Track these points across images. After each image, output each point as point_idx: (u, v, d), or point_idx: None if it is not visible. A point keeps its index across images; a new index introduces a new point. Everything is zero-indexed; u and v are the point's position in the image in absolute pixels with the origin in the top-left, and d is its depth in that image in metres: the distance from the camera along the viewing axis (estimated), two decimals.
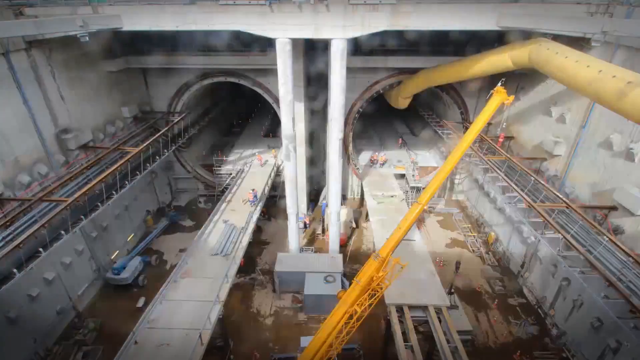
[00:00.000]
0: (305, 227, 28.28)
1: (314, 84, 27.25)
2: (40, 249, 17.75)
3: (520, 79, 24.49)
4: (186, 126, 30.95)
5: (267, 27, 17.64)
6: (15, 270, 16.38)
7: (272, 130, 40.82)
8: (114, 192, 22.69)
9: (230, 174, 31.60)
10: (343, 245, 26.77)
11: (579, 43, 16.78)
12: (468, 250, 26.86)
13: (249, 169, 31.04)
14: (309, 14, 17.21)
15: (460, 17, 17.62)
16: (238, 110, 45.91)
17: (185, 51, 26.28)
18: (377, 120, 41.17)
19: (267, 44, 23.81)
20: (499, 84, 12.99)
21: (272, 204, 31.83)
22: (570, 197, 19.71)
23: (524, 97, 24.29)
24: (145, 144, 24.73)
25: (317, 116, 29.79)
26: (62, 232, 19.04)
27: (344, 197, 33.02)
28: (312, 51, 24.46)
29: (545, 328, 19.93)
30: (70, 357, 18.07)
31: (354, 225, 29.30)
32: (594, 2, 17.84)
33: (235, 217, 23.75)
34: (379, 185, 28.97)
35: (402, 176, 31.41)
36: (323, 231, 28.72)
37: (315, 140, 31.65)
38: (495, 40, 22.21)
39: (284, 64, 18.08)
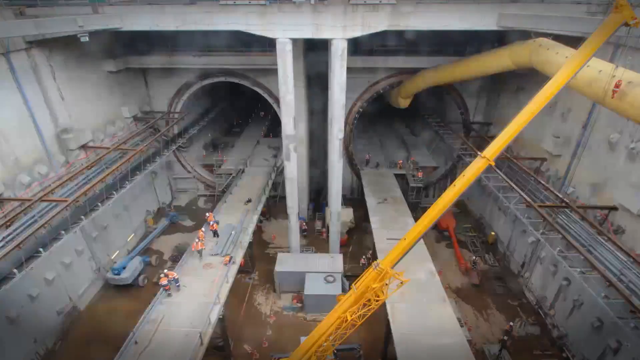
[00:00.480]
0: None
1: (314, 84, 27.26)
2: (41, 249, 17.72)
3: (520, 78, 24.50)
4: (186, 126, 30.96)
5: (267, 27, 17.65)
6: (15, 270, 16.36)
7: (272, 130, 40.83)
8: (114, 192, 22.68)
9: (231, 174, 31.60)
10: (343, 245, 26.79)
11: (579, 43, 16.74)
12: (468, 251, 26.86)
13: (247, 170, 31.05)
14: (309, 14, 17.21)
15: (460, 17, 17.63)
16: (238, 110, 45.89)
17: (185, 51, 26.30)
18: (377, 120, 41.17)
19: (267, 44, 23.82)
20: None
21: (272, 204, 31.84)
22: (570, 197, 19.70)
23: (524, 97, 24.28)
24: (145, 144, 24.73)
25: (317, 116, 29.80)
26: (62, 232, 19.02)
27: (344, 197, 33.01)
28: (312, 51, 24.46)
29: (545, 328, 19.92)
30: None
31: (353, 224, 29.27)
32: (594, 2, 17.84)
33: (235, 218, 23.73)
34: (379, 185, 28.96)
35: (402, 176, 31.39)
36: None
37: (315, 140, 31.65)
38: (495, 40, 22.21)
39: (284, 64, 18.09)
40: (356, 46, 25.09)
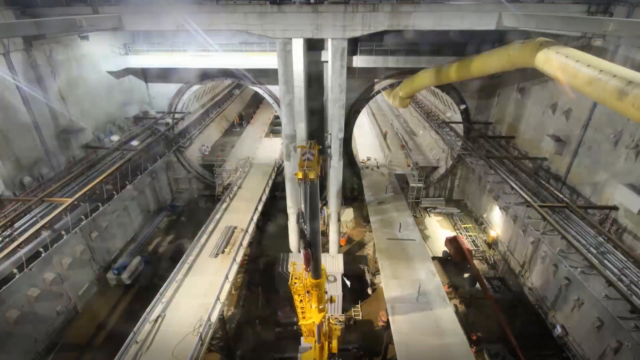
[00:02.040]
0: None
1: (314, 84, 27.23)
2: (41, 249, 17.74)
3: (520, 78, 24.49)
4: (186, 126, 30.96)
5: (267, 27, 17.66)
6: (15, 270, 16.38)
7: (272, 130, 40.88)
8: (114, 192, 22.70)
9: (231, 174, 31.61)
10: (343, 245, 26.78)
11: (579, 43, 16.76)
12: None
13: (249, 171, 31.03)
14: (309, 14, 17.22)
15: (460, 17, 17.64)
16: (238, 110, 45.94)
17: (185, 51, 26.27)
18: (377, 119, 41.20)
19: (267, 44, 23.84)
20: None
21: (272, 204, 31.81)
22: (571, 197, 19.69)
23: (524, 96, 24.27)
24: (145, 144, 24.73)
25: (317, 116, 29.78)
26: (63, 232, 19.04)
27: (344, 197, 33.00)
28: (312, 51, 24.45)
29: (545, 328, 19.90)
30: None
31: (353, 225, 29.31)
32: (594, 2, 17.84)
33: (235, 218, 23.73)
34: (380, 186, 28.97)
35: (403, 176, 31.40)
36: (322, 232, 28.73)
37: (315, 139, 31.64)
38: (495, 40, 22.19)
39: (284, 64, 18.10)
40: (356, 46, 25.07)
